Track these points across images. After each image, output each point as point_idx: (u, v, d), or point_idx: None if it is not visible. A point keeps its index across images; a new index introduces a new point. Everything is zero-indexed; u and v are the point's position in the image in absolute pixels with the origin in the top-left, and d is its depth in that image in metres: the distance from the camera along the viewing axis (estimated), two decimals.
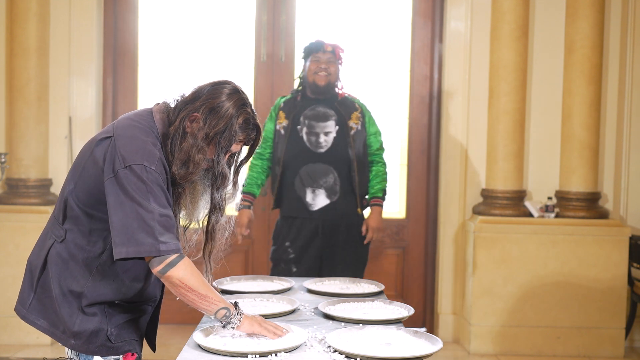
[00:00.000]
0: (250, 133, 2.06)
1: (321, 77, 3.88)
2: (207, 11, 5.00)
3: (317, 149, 3.84)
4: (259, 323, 2.05)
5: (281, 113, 3.95)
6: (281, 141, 3.89)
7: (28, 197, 4.60)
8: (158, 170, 1.95)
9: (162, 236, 1.91)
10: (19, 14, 4.57)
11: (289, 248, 3.87)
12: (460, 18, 4.81)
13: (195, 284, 1.95)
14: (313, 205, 3.83)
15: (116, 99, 4.98)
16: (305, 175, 3.83)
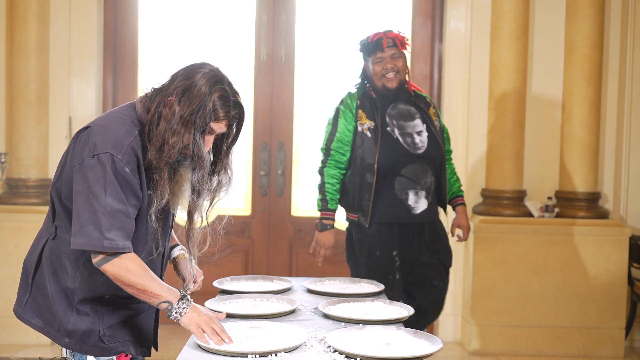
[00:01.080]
0: (230, 110, 1.99)
1: (390, 78, 3.48)
2: (207, 11, 5.00)
3: (416, 150, 3.48)
4: (198, 324, 1.97)
5: (361, 112, 3.51)
6: (369, 145, 3.47)
7: (28, 197, 4.60)
8: (125, 160, 1.92)
9: (109, 232, 1.88)
10: (19, 14, 4.57)
11: (396, 256, 3.51)
12: (460, 18, 4.81)
13: (131, 279, 1.93)
14: (416, 208, 3.49)
15: (116, 99, 4.98)
16: (407, 177, 3.47)
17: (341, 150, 3.53)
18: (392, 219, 3.48)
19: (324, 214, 3.54)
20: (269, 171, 4.97)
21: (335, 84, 5.03)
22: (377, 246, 3.50)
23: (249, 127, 4.98)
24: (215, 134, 2.02)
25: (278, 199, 4.99)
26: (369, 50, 3.52)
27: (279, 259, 5.01)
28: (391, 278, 3.49)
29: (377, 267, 3.50)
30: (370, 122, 3.49)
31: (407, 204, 3.48)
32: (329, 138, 3.58)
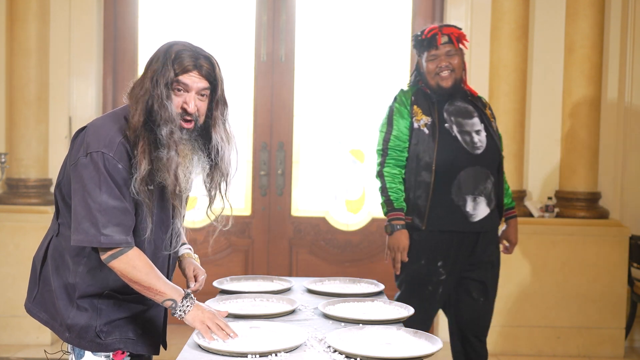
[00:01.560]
0: (197, 60, 2.00)
1: (445, 77, 3.26)
2: (207, 11, 5.00)
3: (474, 150, 3.24)
4: (202, 320, 2.00)
5: (416, 108, 3.28)
6: (426, 142, 3.23)
7: (28, 197, 4.60)
8: (117, 157, 1.95)
9: (105, 228, 1.93)
10: (19, 14, 4.57)
11: (441, 268, 3.27)
12: (460, 18, 4.81)
13: (137, 276, 1.98)
14: (474, 215, 3.24)
15: (116, 99, 4.98)
16: (465, 181, 3.22)
17: (399, 148, 3.29)
18: (447, 226, 3.23)
19: (392, 215, 3.27)
20: (269, 171, 4.97)
21: (335, 84, 5.04)
22: (423, 253, 3.27)
23: (249, 127, 4.98)
24: (193, 90, 2.01)
25: (278, 199, 4.99)
26: (422, 46, 3.31)
27: (279, 259, 5.01)
28: (430, 289, 3.27)
29: (417, 275, 3.28)
30: (427, 118, 3.26)
31: (464, 211, 3.22)
32: (385, 138, 3.31)
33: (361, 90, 5.04)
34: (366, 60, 5.03)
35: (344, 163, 5.06)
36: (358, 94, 5.05)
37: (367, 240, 5.03)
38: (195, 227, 4.65)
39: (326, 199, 5.06)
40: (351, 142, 5.06)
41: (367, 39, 5.03)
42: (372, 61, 5.03)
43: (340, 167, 5.06)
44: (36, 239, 4.55)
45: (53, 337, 4.53)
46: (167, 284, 2.02)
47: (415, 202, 3.26)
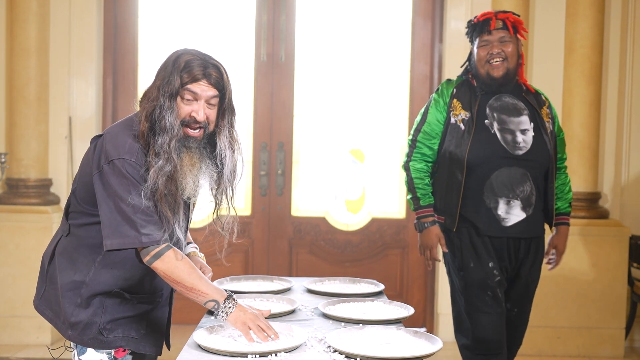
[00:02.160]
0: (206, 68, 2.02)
1: (496, 66, 3.00)
2: (207, 11, 5.00)
3: (515, 150, 2.99)
4: (244, 322, 2.02)
5: (456, 102, 3.05)
6: (461, 138, 3.01)
7: (28, 197, 4.60)
8: (139, 162, 1.99)
9: (144, 228, 1.96)
10: (19, 14, 4.57)
11: (495, 270, 3.01)
12: (460, 18, 4.81)
13: (180, 277, 1.99)
14: (507, 219, 2.99)
15: (116, 99, 4.98)
16: (499, 182, 2.98)
17: (428, 142, 3.09)
18: (483, 230, 3.00)
19: (420, 212, 3.11)
20: (269, 171, 4.97)
21: (335, 84, 5.04)
22: (470, 257, 3.03)
23: (249, 127, 4.98)
24: (202, 98, 2.03)
25: (278, 199, 4.99)
26: (475, 31, 3.06)
27: (279, 259, 5.01)
28: (490, 295, 2.99)
29: (472, 282, 3.02)
30: (465, 113, 3.03)
31: (495, 214, 2.98)
32: (417, 128, 3.14)
33: (361, 90, 5.04)
34: (366, 60, 5.03)
35: (344, 163, 5.06)
36: (358, 94, 5.05)
37: (367, 240, 5.03)
38: (195, 227, 4.65)
39: (326, 199, 5.06)
40: (351, 142, 5.06)
41: (367, 39, 5.03)
42: (372, 61, 5.03)
43: (340, 167, 5.06)
44: (36, 239, 4.57)
45: (53, 337, 4.53)
46: (210, 285, 2.03)
47: (448, 202, 3.05)
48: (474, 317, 3.02)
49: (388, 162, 5.06)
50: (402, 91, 5.04)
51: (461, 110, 3.04)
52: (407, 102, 5.03)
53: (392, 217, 5.05)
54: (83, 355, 2.13)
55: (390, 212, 5.05)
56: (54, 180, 4.75)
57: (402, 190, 5.05)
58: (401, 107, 5.04)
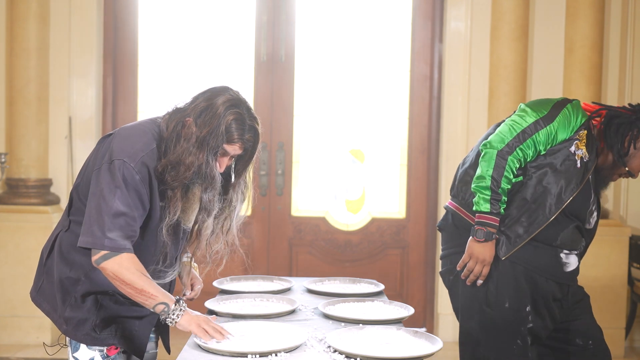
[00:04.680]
0: (244, 133, 2.05)
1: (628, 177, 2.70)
2: (207, 11, 5.00)
3: (586, 224, 2.68)
4: (198, 323, 2.03)
5: (583, 133, 2.60)
6: (573, 175, 2.57)
7: (28, 197, 4.60)
8: (137, 169, 2.00)
9: (111, 232, 1.97)
10: (19, 14, 4.57)
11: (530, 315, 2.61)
12: (460, 18, 4.81)
13: (130, 278, 1.99)
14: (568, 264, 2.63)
15: (116, 100, 4.98)
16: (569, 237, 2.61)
17: (533, 148, 2.57)
18: (539, 271, 2.57)
19: (490, 219, 2.52)
20: (269, 171, 4.98)
21: (335, 84, 5.04)
22: (507, 293, 2.56)
23: None
24: (229, 155, 2.09)
25: (278, 199, 4.99)
26: None
27: (279, 259, 5.01)
28: (520, 344, 2.57)
29: (500, 325, 2.57)
30: (586, 153, 2.58)
31: (559, 257, 2.60)
32: (536, 125, 2.56)
33: (361, 90, 5.04)
34: (366, 60, 5.03)
35: (344, 163, 5.06)
36: (358, 93, 5.05)
37: (367, 240, 5.03)
38: None
39: (326, 199, 5.06)
40: (351, 142, 5.06)
41: (367, 38, 5.02)
42: (372, 61, 5.03)
43: (340, 167, 5.06)
44: (36, 239, 4.57)
45: (53, 337, 4.53)
46: (159, 289, 2.03)
47: (518, 226, 2.56)
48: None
49: (388, 162, 5.06)
50: (402, 91, 5.04)
51: (584, 147, 2.57)
52: (407, 102, 5.03)
53: (392, 217, 5.05)
54: (76, 352, 2.14)
55: (390, 212, 5.05)
56: (54, 180, 4.75)
57: (402, 191, 5.06)
58: (401, 107, 5.04)
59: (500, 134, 2.56)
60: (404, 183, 5.04)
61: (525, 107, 2.60)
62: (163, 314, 2.02)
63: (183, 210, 2.09)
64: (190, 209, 2.11)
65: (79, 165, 4.69)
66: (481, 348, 2.60)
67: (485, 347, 2.59)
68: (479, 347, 2.61)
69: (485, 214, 2.51)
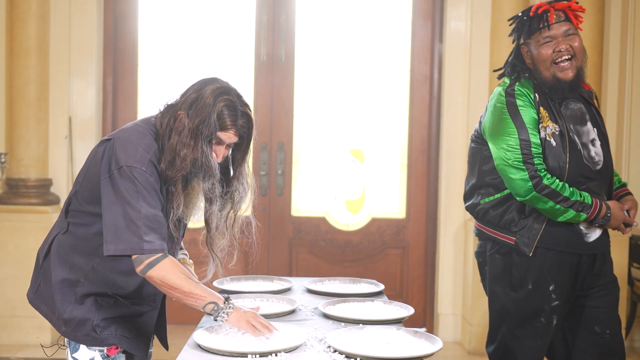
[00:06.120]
0: (237, 119, 2.06)
1: (565, 67, 2.56)
2: (207, 11, 5.00)
3: (595, 165, 2.62)
4: (247, 320, 2.04)
5: (543, 111, 2.58)
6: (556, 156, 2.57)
7: (28, 197, 4.60)
8: (149, 171, 2.01)
9: (147, 236, 1.97)
10: (19, 14, 4.57)
11: (553, 293, 2.65)
12: (460, 18, 4.81)
13: (177, 282, 1.99)
14: (588, 235, 2.64)
15: (116, 99, 4.98)
16: None
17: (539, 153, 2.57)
18: (559, 246, 2.62)
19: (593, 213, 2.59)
20: (269, 171, 4.98)
21: (335, 84, 5.04)
22: (530, 276, 2.64)
23: None
24: (225, 144, 2.10)
25: (278, 199, 4.99)
26: (530, 27, 2.59)
27: (279, 259, 5.01)
28: (543, 321, 2.65)
29: (524, 305, 2.66)
30: (554, 126, 2.56)
31: (578, 229, 2.62)
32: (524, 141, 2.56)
33: (361, 90, 5.04)
34: (366, 60, 5.03)
35: (344, 163, 5.06)
36: (358, 93, 5.05)
37: (367, 240, 5.03)
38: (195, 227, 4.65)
39: (326, 199, 5.07)
40: (351, 142, 5.06)
41: (367, 38, 5.03)
42: (372, 61, 5.03)
43: (340, 167, 5.06)
44: (36, 239, 4.56)
45: (53, 337, 4.53)
46: (206, 289, 2.04)
47: (529, 222, 2.64)
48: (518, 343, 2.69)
49: (388, 162, 5.06)
50: (402, 91, 5.04)
51: (549, 122, 2.56)
52: (407, 102, 5.03)
53: (392, 217, 5.05)
54: (76, 352, 2.13)
55: (390, 212, 5.05)
56: (54, 180, 4.75)
57: (402, 191, 5.06)
58: (401, 107, 5.04)
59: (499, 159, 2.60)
60: (404, 183, 5.05)
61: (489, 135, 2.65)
62: (213, 313, 2.03)
63: (185, 205, 2.09)
64: (191, 204, 2.11)
65: (79, 165, 4.69)
66: (506, 325, 2.70)
67: (510, 324, 2.69)
68: (504, 325, 2.71)
69: (590, 216, 2.58)
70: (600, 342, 2.76)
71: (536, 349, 2.68)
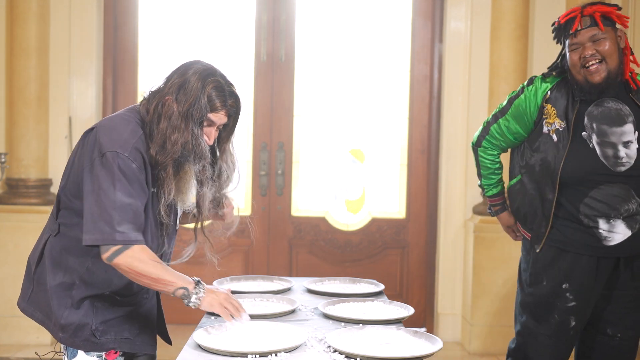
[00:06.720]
0: (226, 100, 2.06)
1: (594, 70, 2.59)
2: (207, 11, 5.00)
3: (617, 167, 2.60)
4: (220, 303, 2.03)
5: (550, 108, 2.68)
6: (554, 152, 2.66)
7: (28, 197, 4.60)
8: (132, 157, 1.98)
9: (120, 226, 1.94)
10: (19, 14, 4.57)
11: (567, 292, 2.68)
12: (460, 18, 4.81)
13: (144, 269, 1.96)
14: (610, 238, 2.63)
15: (116, 99, 4.98)
16: (598, 201, 2.62)
17: (502, 137, 2.84)
18: (577, 249, 2.67)
19: (488, 201, 2.99)
20: (269, 171, 4.98)
21: (335, 84, 5.04)
22: (544, 273, 2.72)
23: (249, 127, 4.99)
24: (215, 125, 2.09)
25: (278, 199, 4.99)
26: (561, 34, 2.70)
27: (279, 259, 5.01)
28: (558, 319, 2.70)
29: (542, 300, 2.73)
30: (560, 123, 2.65)
31: (596, 233, 2.64)
32: (495, 115, 2.85)
33: (361, 90, 5.04)
34: (366, 60, 5.03)
35: (344, 163, 5.06)
36: (358, 93, 5.05)
37: (367, 240, 5.03)
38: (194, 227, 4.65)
39: (326, 199, 5.07)
40: (351, 142, 5.06)
41: (367, 38, 5.03)
42: (372, 61, 5.03)
43: (340, 167, 5.06)
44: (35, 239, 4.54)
45: (53, 338, 4.52)
46: (175, 274, 2.01)
47: (534, 220, 2.75)
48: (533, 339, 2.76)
49: (388, 162, 5.06)
50: (402, 91, 5.04)
51: (555, 119, 2.65)
52: (407, 102, 5.03)
53: (392, 217, 5.05)
54: (74, 358, 2.10)
55: (390, 212, 5.05)
56: (54, 180, 4.75)
57: (402, 191, 5.06)
58: (401, 107, 5.04)
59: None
60: (404, 183, 5.05)
61: None
62: (185, 298, 2.00)
63: (178, 190, 2.06)
64: (185, 188, 2.07)
65: None
66: (525, 318, 2.80)
67: (528, 318, 2.79)
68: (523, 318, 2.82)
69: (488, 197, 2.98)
70: (610, 344, 2.78)
71: (551, 347, 2.73)
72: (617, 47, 2.62)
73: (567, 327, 2.71)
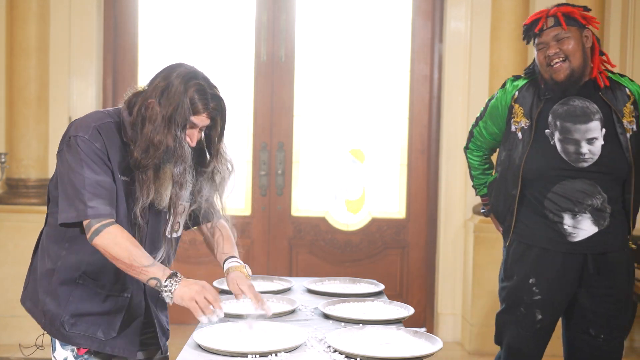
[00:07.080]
0: (208, 103, 2.05)
1: (557, 68, 2.67)
2: (207, 11, 5.00)
3: (578, 162, 2.66)
4: (191, 297, 1.97)
5: (517, 108, 2.77)
6: (517, 149, 2.76)
7: (28, 197, 4.61)
8: (92, 138, 2.03)
9: (91, 201, 1.99)
10: (19, 14, 4.57)
11: (534, 287, 2.75)
12: (460, 18, 4.81)
13: (119, 253, 1.97)
14: (574, 235, 2.68)
15: (116, 99, 4.98)
16: (561, 196, 2.68)
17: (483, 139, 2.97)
18: (538, 242, 2.74)
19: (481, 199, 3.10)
20: (269, 171, 4.98)
21: (335, 84, 5.04)
22: (515, 267, 2.80)
23: (249, 127, 4.99)
24: (198, 127, 2.09)
25: (278, 199, 4.99)
26: (529, 35, 2.80)
27: (279, 259, 5.01)
28: (523, 312, 2.77)
29: (511, 293, 2.82)
30: (525, 121, 2.75)
31: (561, 228, 2.69)
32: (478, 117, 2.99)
33: (361, 90, 5.04)
34: (366, 60, 5.03)
35: (344, 163, 5.06)
36: (358, 93, 5.05)
37: (367, 240, 5.03)
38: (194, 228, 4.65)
39: (326, 199, 5.07)
40: (351, 142, 5.06)
41: (367, 38, 5.03)
42: (372, 61, 5.03)
43: (340, 167, 5.06)
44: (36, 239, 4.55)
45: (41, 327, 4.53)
46: (151, 261, 1.99)
47: (503, 214, 2.86)
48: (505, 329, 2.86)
49: (388, 162, 5.06)
50: (402, 91, 5.04)
51: (522, 117, 2.75)
52: (407, 102, 5.03)
53: (392, 217, 5.05)
54: (55, 352, 2.15)
55: (390, 212, 5.05)
56: None
57: (402, 191, 5.06)
58: (401, 107, 5.04)
59: None
60: (404, 183, 5.05)
61: None
62: (158, 289, 1.99)
63: (156, 191, 2.06)
64: (162, 188, 2.07)
65: None
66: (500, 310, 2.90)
67: (501, 312, 2.88)
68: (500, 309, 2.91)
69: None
70: (594, 344, 2.83)
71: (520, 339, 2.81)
72: (581, 46, 2.71)
73: (534, 320, 2.76)
